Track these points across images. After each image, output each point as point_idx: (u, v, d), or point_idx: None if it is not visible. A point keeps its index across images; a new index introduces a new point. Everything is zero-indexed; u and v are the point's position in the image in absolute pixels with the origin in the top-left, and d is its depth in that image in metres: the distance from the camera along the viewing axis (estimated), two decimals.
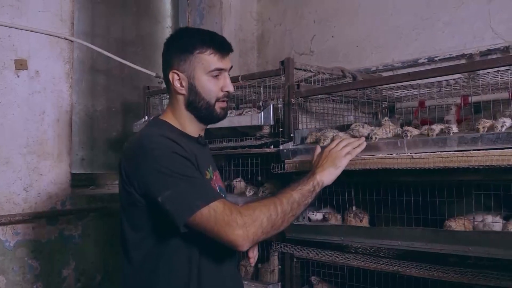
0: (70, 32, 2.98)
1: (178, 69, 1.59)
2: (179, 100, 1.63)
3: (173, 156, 1.45)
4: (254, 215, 1.40)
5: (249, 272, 2.59)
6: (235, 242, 1.38)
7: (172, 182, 1.41)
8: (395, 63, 2.80)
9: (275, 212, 1.44)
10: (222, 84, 1.63)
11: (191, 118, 1.65)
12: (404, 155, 1.84)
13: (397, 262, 1.94)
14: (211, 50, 1.59)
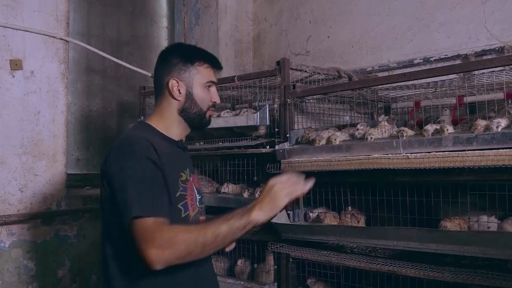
0: (65, 32, 2.97)
1: (178, 77, 1.74)
2: (173, 105, 1.76)
3: (143, 161, 1.56)
4: (173, 240, 1.46)
5: (245, 272, 2.59)
6: (148, 260, 1.44)
7: (127, 183, 1.54)
8: (391, 63, 2.80)
9: (194, 242, 1.48)
10: (212, 95, 1.81)
11: (181, 123, 1.79)
12: (400, 155, 1.85)
13: (392, 262, 1.94)
14: (207, 64, 1.79)
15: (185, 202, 1.69)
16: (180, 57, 1.77)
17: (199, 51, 1.86)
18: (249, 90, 2.74)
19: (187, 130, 1.83)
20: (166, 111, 1.78)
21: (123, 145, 1.64)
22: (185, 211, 1.68)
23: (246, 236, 2.47)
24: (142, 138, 1.63)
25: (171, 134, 1.78)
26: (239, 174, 2.64)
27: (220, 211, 2.62)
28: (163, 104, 1.78)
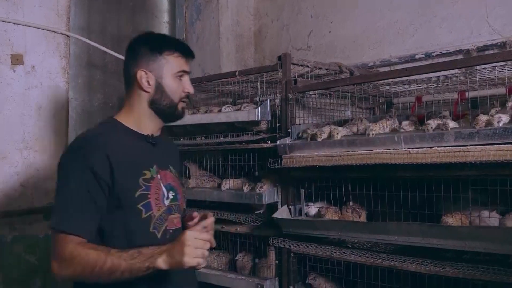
0: (66, 27, 2.97)
1: (147, 68, 1.69)
2: (142, 97, 1.72)
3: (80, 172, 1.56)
4: (71, 261, 1.50)
5: (247, 267, 2.60)
6: (51, 269, 1.52)
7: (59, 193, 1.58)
8: (392, 58, 2.79)
9: (90, 270, 1.49)
10: (184, 85, 1.75)
11: (151, 115, 1.74)
12: (401, 150, 1.85)
13: (394, 257, 1.94)
14: (178, 53, 1.73)
15: (148, 202, 1.63)
16: (148, 47, 1.72)
17: (168, 39, 1.82)
18: (250, 85, 2.73)
19: (160, 123, 1.78)
20: (135, 105, 1.73)
21: (71, 147, 1.65)
22: (147, 211, 1.63)
23: (247, 231, 2.49)
24: (96, 143, 1.60)
25: (142, 129, 1.74)
26: (241, 169, 2.64)
27: (222, 206, 2.64)
28: (133, 97, 1.73)
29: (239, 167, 2.64)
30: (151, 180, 1.67)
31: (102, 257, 1.49)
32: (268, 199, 2.38)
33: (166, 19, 3.87)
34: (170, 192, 1.74)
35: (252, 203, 2.46)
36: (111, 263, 1.49)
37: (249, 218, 2.46)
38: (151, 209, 1.65)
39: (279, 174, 2.39)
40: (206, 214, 1.78)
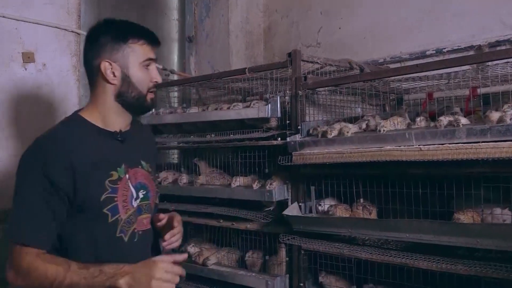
0: (77, 25, 2.98)
1: (111, 58, 1.59)
2: (108, 90, 1.62)
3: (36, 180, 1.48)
4: (28, 273, 1.45)
5: (257, 264, 2.60)
6: (7, 278, 1.49)
7: (15, 202, 1.51)
8: (403, 54, 2.78)
9: (48, 283, 1.44)
10: (152, 75, 1.65)
11: (119, 109, 1.65)
12: (412, 147, 1.84)
13: (405, 255, 1.94)
14: (143, 40, 1.63)
15: (114, 205, 1.57)
16: (110, 35, 1.61)
17: (132, 26, 1.69)
18: (260, 82, 2.73)
19: (128, 117, 1.69)
20: (100, 99, 1.63)
21: (31, 152, 1.54)
22: (114, 215, 1.57)
23: (258, 228, 2.50)
24: (56, 144, 1.53)
25: (109, 125, 1.65)
26: (251, 166, 2.64)
27: (232, 203, 2.64)
28: (97, 91, 1.64)
29: (249, 164, 2.64)
30: (119, 181, 1.59)
31: (61, 273, 1.44)
32: (278, 196, 2.38)
33: (176, 17, 3.88)
34: (141, 191, 1.67)
35: (263, 200, 2.46)
36: (70, 280, 1.43)
37: (259, 215, 2.46)
38: (118, 213, 1.58)
39: (289, 171, 2.39)
40: (172, 214, 1.77)
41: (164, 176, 2.96)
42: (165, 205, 2.96)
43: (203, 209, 2.74)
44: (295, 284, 2.35)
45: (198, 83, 3.02)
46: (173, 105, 3.32)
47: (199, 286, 2.73)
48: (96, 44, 1.61)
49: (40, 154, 1.51)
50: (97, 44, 1.61)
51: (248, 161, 2.63)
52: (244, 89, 2.95)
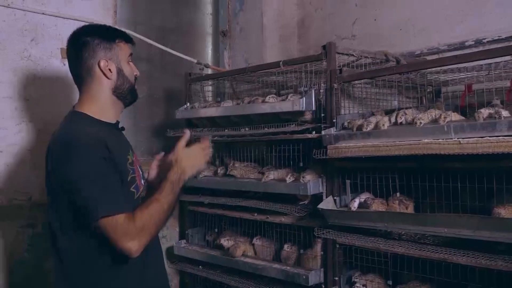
0: (113, 20, 3.03)
1: (106, 56, 1.78)
2: (105, 86, 1.80)
3: (97, 161, 1.62)
4: (146, 227, 1.62)
5: (292, 258, 2.60)
6: (128, 251, 1.59)
7: (89, 186, 1.60)
8: (441, 46, 2.72)
9: (159, 218, 1.67)
10: (134, 68, 1.89)
11: (114, 102, 1.84)
12: (451, 140, 1.80)
13: (443, 250, 1.90)
14: (124, 40, 1.85)
15: (136, 184, 1.79)
16: (101, 37, 1.79)
17: (113, 28, 1.94)
18: (294, 76, 2.72)
19: (121, 108, 1.89)
20: (98, 94, 1.80)
21: (71, 145, 1.64)
22: (137, 193, 1.79)
23: (292, 222, 2.49)
24: (90, 135, 1.66)
25: (106, 118, 1.82)
26: (285, 160, 2.63)
27: (266, 197, 2.65)
28: (93, 88, 1.80)
29: (283, 157, 2.64)
30: (133, 164, 1.81)
31: (159, 205, 1.68)
32: (313, 190, 2.37)
33: (210, 11, 3.89)
34: (141, 171, 1.89)
35: (297, 193, 2.45)
36: (166, 204, 1.69)
37: (294, 209, 2.45)
38: (139, 190, 1.81)
39: (324, 165, 2.38)
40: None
41: None
42: (200, 199, 3.00)
43: (238, 202, 2.75)
44: (330, 278, 2.34)
45: (232, 77, 3.03)
46: (207, 99, 3.34)
47: (234, 279, 2.75)
48: (88, 47, 1.78)
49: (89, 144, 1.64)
50: (90, 46, 1.78)
51: (283, 155, 2.62)
52: (278, 82, 2.94)
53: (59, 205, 1.69)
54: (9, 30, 2.60)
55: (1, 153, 2.56)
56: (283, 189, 2.50)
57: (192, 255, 3.04)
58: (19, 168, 2.62)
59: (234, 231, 3.01)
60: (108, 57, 1.78)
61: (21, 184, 2.62)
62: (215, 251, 2.92)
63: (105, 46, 1.79)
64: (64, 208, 1.66)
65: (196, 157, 1.87)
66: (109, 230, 1.58)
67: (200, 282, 3.17)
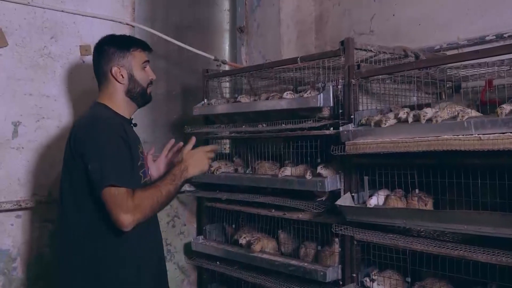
0: (131, 18, 3.05)
1: (119, 64, 2.07)
2: (119, 88, 2.09)
3: (115, 137, 1.88)
4: (141, 205, 1.82)
5: (310, 255, 2.59)
6: (121, 222, 1.78)
7: (103, 156, 1.85)
8: (460, 41, 2.68)
9: (156, 203, 1.88)
10: (149, 73, 2.17)
11: (128, 102, 2.12)
12: (471, 136, 1.78)
13: (463, 247, 1.88)
14: (140, 48, 2.14)
15: (144, 170, 2.05)
16: (116, 47, 2.09)
17: (131, 38, 2.28)
18: (311, 71, 2.71)
19: (135, 108, 2.18)
20: (114, 95, 2.09)
21: (97, 124, 1.93)
22: (144, 177, 2.03)
23: (310, 218, 2.49)
24: (113, 118, 2.00)
25: (122, 114, 2.10)
26: (302, 156, 2.62)
27: (283, 193, 2.64)
28: (110, 89, 2.10)
29: (300, 154, 2.63)
30: (143, 153, 2.10)
31: (158, 190, 1.89)
32: (331, 186, 2.36)
33: (227, 7, 3.89)
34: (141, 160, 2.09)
35: (315, 190, 2.44)
36: (165, 191, 1.91)
37: (311, 205, 2.45)
38: (146, 176, 2.07)
39: (342, 161, 2.36)
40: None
41: (216, 166, 3.00)
42: (217, 195, 3.01)
43: (255, 198, 2.76)
44: (348, 274, 2.33)
45: (249, 73, 3.03)
46: (224, 95, 3.35)
47: (251, 275, 2.76)
48: (105, 54, 2.09)
49: (112, 124, 1.95)
50: (107, 54, 2.09)
51: (300, 151, 2.62)
52: (295, 78, 2.93)
53: (75, 178, 1.92)
54: (28, 28, 2.64)
55: (22, 149, 2.60)
56: (300, 186, 2.50)
57: (210, 251, 3.05)
58: (39, 164, 2.65)
59: (251, 227, 3.02)
60: (120, 64, 2.07)
61: (41, 180, 2.66)
62: (232, 247, 2.93)
63: (119, 55, 2.07)
64: (80, 181, 1.88)
65: (199, 159, 2.10)
66: (109, 199, 1.79)
67: (217, 277, 3.19)
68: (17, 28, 2.60)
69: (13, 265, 2.56)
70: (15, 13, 2.58)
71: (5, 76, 2.55)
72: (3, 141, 2.54)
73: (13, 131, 2.57)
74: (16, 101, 2.59)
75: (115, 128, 1.92)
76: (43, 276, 2.65)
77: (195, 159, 2.07)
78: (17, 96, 2.59)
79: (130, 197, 1.80)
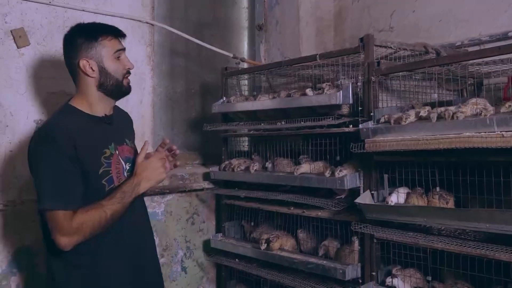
0: (151, 16, 3.06)
1: (87, 56, 1.89)
2: (89, 83, 1.93)
3: (54, 155, 1.77)
4: (80, 228, 1.75)
5: (329, 253, 2.59)
6: (59, 245, 1.75)
7: (40, 177, 1.79)
8: (482, 37, 2.64)
9: (98, 224, 1.79)
10: (124, 63, 1.97)
11: (102, 97, 1.96)
12: (494, 134, 1.75)
13: (485, 246, 1.86)
14: (111, 36, 1.94)
15: (110, 177, 1.90)
16: (83, 37, 1.90)
17: (100, 26, 2.01)
18: (330, 69, 2.70)
19: (110, 102, 2.01)
20: (85, 91, 1.94)
21: (43, 136, 1.83)
22: (110, 185, 1.89)
23: (329, 216, 2.48)
24: (60, 128, 1.82)
25: (95, 111, 1.96)
26: (321, 154, 2.61)
27: (301, 190, 2.64)
28: (81, 84, 1.94)
29: (319, 151, 2.62)
30: (111, 157, 1.92)
31: (102, 211, 1.79)
32: (350, 184, 2.35)
33: (245, 5, 3.89)
34: (127, 163, 2.00)
35: (334, 188, 2.43)
36: (110, 211, 1.81)
37: (330, 203, 2.44)
38: (112, 183, 1.90)
39: (362, 159, 2.35)
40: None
41: (235, 163, 3.00)
42: (236, 192, 3.01)
43: (274, 196, 2.76)
44: (367, 273, 2.32)
45: (268, 70, 3.03)
46: (243, 93, 3.35)
47: (270, 272, 2.76)
48: (72, 46, 1.92)
49: (51, 137, 1.80)
50: (73, 46, 1.92)
51: (319, 149, 2.61)
52: (314, 76, 2.92)
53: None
54: (50, 27, 2.67)
55: None
56: (319, 183, 2.49)
57: (229, 248, 3.06)
58: None
59: (270, 225, 3.02)
60: (89, 56, 1.90)
61: None
62: (251, 245, 2.93)
63: (86, 46, 1.90)
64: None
65: (153, 169, 1.95)
66: (49, 221, 1.77)
67: (236, 275, 3.20)
68: (38, 27, 2.63)
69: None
70: (36, 12, 2.62)
71: (28, 75, 2.59)
72: (25, 139, 2.57)
73: (35, 130, 2.61)
74: (38, 100, 2.62)
75: (60, 146, 1.78)
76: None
77: (148, 171, 1.94)
78: (39, 95, 2.63)
79: (67, 220, 1.74)
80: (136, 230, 2.03)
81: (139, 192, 1.91)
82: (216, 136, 3.28)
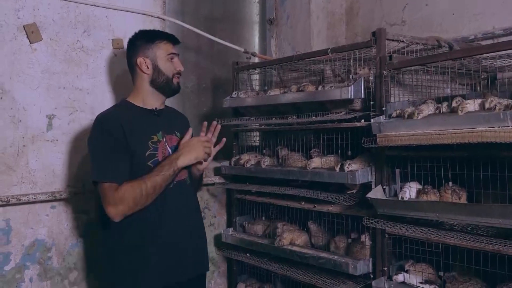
0: (162, 11, 3.06)
1: (144, 55, 2.22)
2: (144, 79, 2.23)
3: (106, 136, 2.07)
4: (123, 198, 1.97)
5: (341, 248, 2.58)
6: (109, 214, 1.99)
7: (92, 155, 2.10)
8: (496, 30, 2.61)
9: (140, 196, 2.00)
10: (175, 65, 2.27)
11: (153, 92, 2.26)
12: (508, 128, 1.74)
13: (497, 241, 1.85)
14: (166, 40, 2.26)
15: (156, 159, 2.13)
16: (143, 39, 2.24)
17: (157, 32, 2.41)
18: (342, 63, 2.68)
19: (161, 98, 2.30)
20: (139, 86, 2.25)
21: (95, 122, 2.14)
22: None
23: (340, 211, 2.48)
24: (111, 116, 2.15)
25: (147, 105, 2.25)
26: (333, 148, 2.61)
27: (312, 185, 2.63)
28: (137, 80, 2.26)
29: (331, 146, 2.61)
30: (158, 142, 2.17)
31: (142, 183, 2.01)
32: (362, 179, 2.34)
33: None
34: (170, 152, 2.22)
35: (345, 182, 2.43)
36: (150, 182, 2.02)
37: (341, 198, 2.43)
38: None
39: (373, 154, 2.34)
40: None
41: (246, 158, 3.00)
42: (247, 187, 3.02)
43: (285, 191, 2.75)
44: (379, 268, 2.31)
45: (279, 65, 3.02)
46: (254, 87, 3.34)
47: (281, 267, 2.77)
48: (133, 47, 2.26)
49: (101, 122, 2.13)
50: (134, 47, 2.25)
51: (331, 143, 2.60)
52: (326, 70, 2.90)
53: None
54: (62, 23, 2.68)
55: (57, 142, 2.65)
56: (331, 178, 2.48)
57: (240, 242, 3.06)
58: (72, 156, 2.70)
59: (281, 219, 3.02)
60: (145, 55, 2.21)
61: (75, 172, 2.71)
62: (262, 239, 2.94)
63: (144, 47, 2.22)
64: None
65: (193, 147, 2.20)
66: (99, 192, 2.03)
67: (247, 269, 3.20)
68: (51, 23, 2.64)
69: (48, 255, 2.62)
70: (49, 8, 2.63)
71: (40, 70, 2.60)
72: (38, 133, 2.59)
73: (48, 124, 2.62)
74: (51, 95, 2.64)
75: (110, 126, 2.08)
76: (78, 266, 2.71)
77: (189, 147, 2.19)
78: (51, 90, 2.64)
79: (112, 191, 1.98)
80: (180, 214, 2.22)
81: (178, 165, 2.12)
82: (227, 131, 3.28)
